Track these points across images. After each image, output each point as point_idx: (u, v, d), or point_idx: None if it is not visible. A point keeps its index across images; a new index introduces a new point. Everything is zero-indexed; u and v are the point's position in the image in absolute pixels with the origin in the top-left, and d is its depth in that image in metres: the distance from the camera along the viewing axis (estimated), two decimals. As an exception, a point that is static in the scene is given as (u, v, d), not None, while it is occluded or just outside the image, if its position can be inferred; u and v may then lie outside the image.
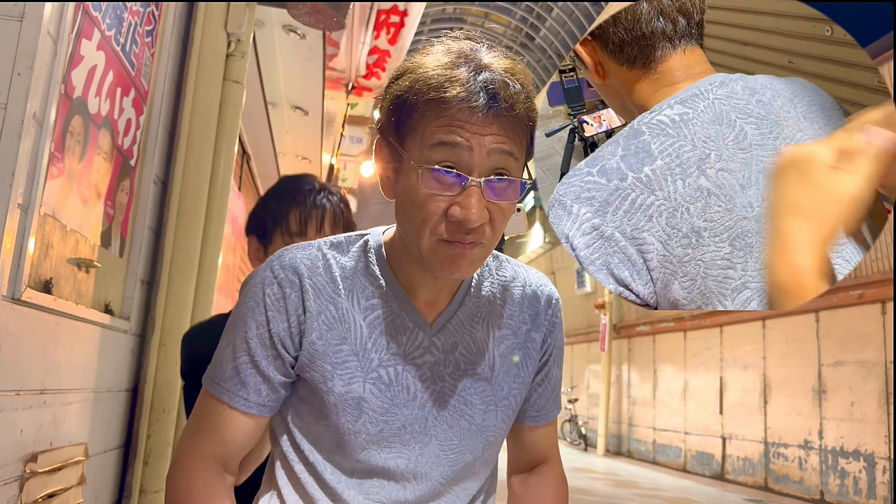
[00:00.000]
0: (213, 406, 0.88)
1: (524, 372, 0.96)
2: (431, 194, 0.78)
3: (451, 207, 0.78)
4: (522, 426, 1.01)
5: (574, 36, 16.12)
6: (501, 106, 0.77)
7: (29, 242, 1.30)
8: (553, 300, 1.00)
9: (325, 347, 0.87)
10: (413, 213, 0.81)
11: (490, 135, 0.78)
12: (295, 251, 0.90)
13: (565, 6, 15.86)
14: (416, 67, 0.81)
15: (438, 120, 0.77)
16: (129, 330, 2.04)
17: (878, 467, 7.02)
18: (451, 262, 0.81)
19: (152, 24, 2.00)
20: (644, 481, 9.24)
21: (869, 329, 7.35)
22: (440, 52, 0.81)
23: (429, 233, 0.80)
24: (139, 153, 2.01)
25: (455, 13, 17.38)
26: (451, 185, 0.78)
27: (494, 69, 0.79)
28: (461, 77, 0.77)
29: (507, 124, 0.79)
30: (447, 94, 0.76)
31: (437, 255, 0.81)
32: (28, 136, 1.27)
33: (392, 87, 0.83)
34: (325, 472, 0.88)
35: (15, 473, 1.35)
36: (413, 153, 0.80)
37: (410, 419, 0.88)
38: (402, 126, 0.81)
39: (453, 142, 0.77)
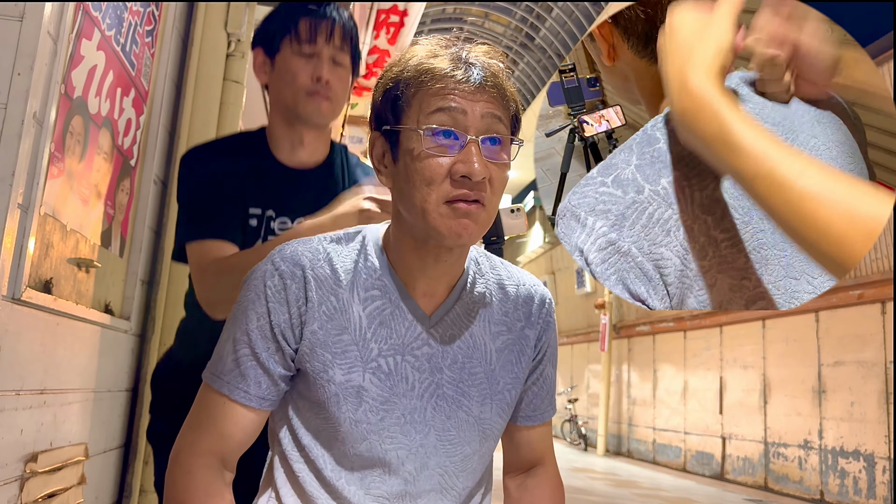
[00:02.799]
0: (213, 400, 0.88)
1: (518, 368, 0.97)
2: (434, 156, 0.83)
3: (455, 165, 0.83)
4: (517, 426, 1.02)
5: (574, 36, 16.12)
6: (488, 80, 0.84)
7: (29, 242, 1.30)
8: (546, 300, 1.02)
9: (325, 337, 0.88)
10: (417, 181, 0.84)
11: (481, 101, 0.84)
12: (296, 245, 0.92)
13: (565, 6, 15.87)
14: (403, 59, 0.88)
15: (433, 90, 0.84)
16: (129, 330, 2.04)
17: (878, 467, 7.02)
18: (456, 223, 0.84)
19: (152, 24, 1.99)
20: (644, 481, 9.24)
21: (869, 329, 7.35)
22: (424, 43, 0.89)
23: (435, 196, 0.83)
24: (139, 153, 2.01)
25: (455, 13, 17.39)
26: (451, 145, 0.84)
27: (476, 53, 0.87)
28: (449, 54, 0.86)
29: (494, 96, 0.85)
30: (438, 66, 0.84)
31: (444, 219, 0.84)
32: (28, 136, 1.27)
33: (383, 78, 0.90)
34: (325, 468, 0.89)
35: (15, 473, 1.35)
36: (411, 125, 0.86)
37: (409, 409, 0.90)
38: (397, 106, 0.87)
39: (449, 106, 0.83)
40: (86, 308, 1.67)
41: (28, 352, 1.38)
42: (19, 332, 1.32)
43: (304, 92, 1.31)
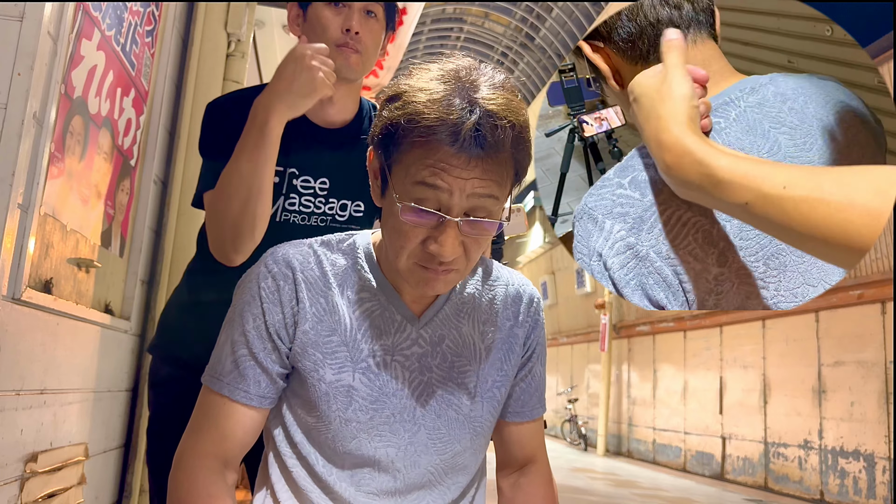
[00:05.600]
0: (214, 401, 0.90)
1: (507, 365, 0.99)
2: (410, 227, 0.82)
3: (428, 240, 0.82)
4: (507, 422, 1.04)
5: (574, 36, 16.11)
6: (488, 151, 0.78)
7: (29, 242, 1.30)
8: (534, 299, 1.03)
9: (316, 337, 0.90)
10: (392, 237, 0.85)
11: (472, 178, 0.79)
12: (287, 248, 0.94)
13: (565, 6, 15.86)
14: (409, 96, 0.80)
15: (423, 160, 0.79)
16: (129, 330, 2.04)
17: (878, 467, 7.02)
18: (424, 283, 0.86)
19: (152, 24, 1.99)
20: (644, 481, 9.24)
21: (869, 329, 7.34)
22: (435, 80, 0.81)
23: (405, 257, 0.84)
24: (139, 153, 2.01)
25: (455, 13, 17.38)
26: (429, 220, 0.81)
27: (487, 108, 0.78)
28: (450, 118, 0.77)
29: (490, 166, 0.80)
30: (434, 137, 0.78)
31: (413, 275, 0.86)
32: (28, 136, 1.27)
33: (385, 108, 0.84)
34: (316, 465, 0.91)
35: (15, 473, 1.35)
36: (397, 185, 0.83)
37: (399, 408, 0.92)
38: (391, 154, 0.83)
39: (434, 185, 0.79)
40: (86, 308, 1.67)
41: (28, 352, 1.38)
42: (19, 332, 1.32)
43: (333, 44, 1.25)
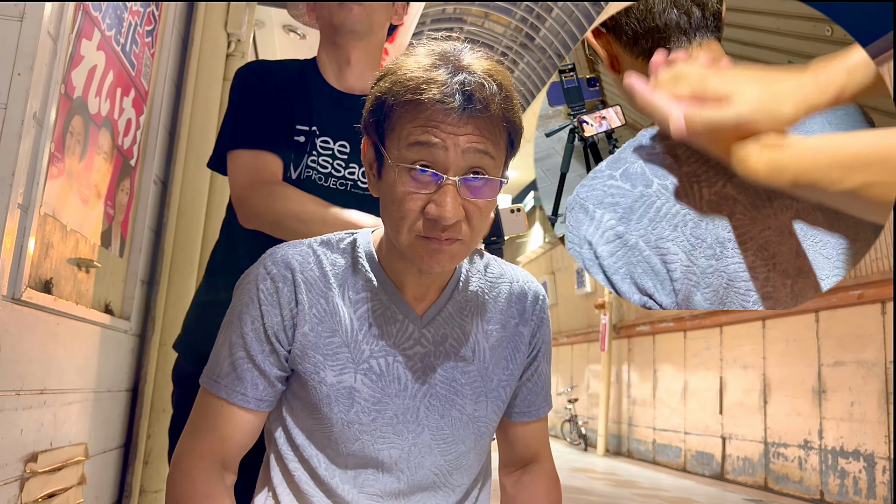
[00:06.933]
0: (212, 404, 0.89)
1: (513, 364, 0.98)
2: (408, 192, 0.81)
3: (428, 205, 0.81)
4: (512, 422, 1.03)
5: (574, 36, 16.10)
6: (476, 107, 0.79)
7: (29, 242, 1.30)
8: (540, 297, 1.02)
9: (316, 339, 0.89)
10: (392, 210, 0.84)
11: (465, 134, 0.80)
12: (286, 248, 0.93)
13: (565, 6, 15.85)
14: (396, 69, 0.83)
15: (415, 121, 0.80)
16: (129, 330, 2.04)
17: (878, 467, 7.01)
18: (429, 256, 0.84)
19: (152, 24, 1.99)
20: (644, 481, 9.24)
21: (869, 329, 7.34)
22: (422, 54, 0.83)
23: (407, 229, 0.83)
24: (139, 153, 2.01)
25: (455, 13, 17.37)
26: (427, 183, 0.80)
27: (472, 70, 0.80)
28: (438, 78, 0.79)
29: (482, 124, 0.80)
30: (423, 96, 0.79)
31: (416, 250, 0.84)
32: (28, 136, 1.27)
33: (374, 88, 0.86)
34: (319, 467, 0.90)
35: (15, 473, 1.35)
36: (392, 152, 0.83)
37: (402, 409, 0.90)
38: (383, 126, 0.84)
39: (428, 142, 0.79)
40: (86, 308, 1.67)
41: (28, 352, 1.38)
42: (19, 332, 1.32)
43: None
